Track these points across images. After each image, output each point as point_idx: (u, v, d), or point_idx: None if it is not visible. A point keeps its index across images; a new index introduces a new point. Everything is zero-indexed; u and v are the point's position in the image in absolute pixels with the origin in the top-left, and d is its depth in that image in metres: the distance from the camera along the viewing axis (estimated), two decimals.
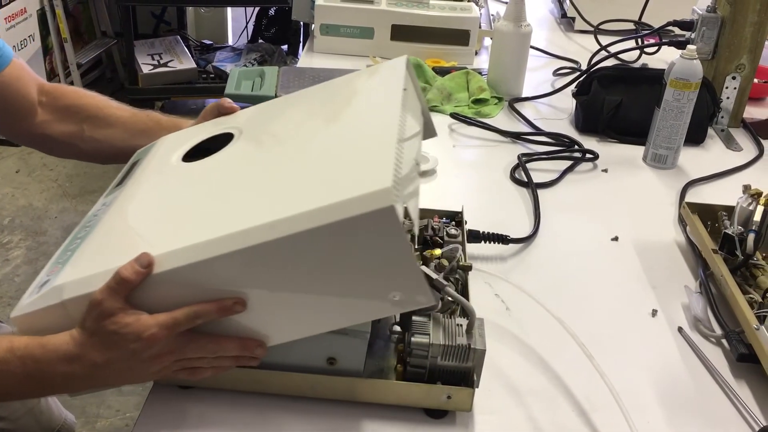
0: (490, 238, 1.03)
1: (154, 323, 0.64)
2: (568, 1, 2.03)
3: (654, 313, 0.95)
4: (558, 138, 1.39)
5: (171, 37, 3.54)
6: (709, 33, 1.45)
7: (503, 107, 1.53)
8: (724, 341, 0.89)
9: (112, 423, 1.87)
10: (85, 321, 0.65)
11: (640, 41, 1.78)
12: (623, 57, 1.74)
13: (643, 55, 1.78)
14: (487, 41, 1.84)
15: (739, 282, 0.94)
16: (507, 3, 1.55)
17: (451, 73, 1.60)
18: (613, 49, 1.67)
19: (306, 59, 1.76)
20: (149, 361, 0.65)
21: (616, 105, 1.41)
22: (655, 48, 1.75)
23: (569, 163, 1.31)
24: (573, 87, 1.51)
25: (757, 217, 0.98)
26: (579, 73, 1.58)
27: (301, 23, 3.38)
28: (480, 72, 1.63)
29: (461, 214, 0.99)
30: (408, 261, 0.61)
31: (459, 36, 1.74)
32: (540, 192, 1.20)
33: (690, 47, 1.25)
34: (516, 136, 1.40)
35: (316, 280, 0.63)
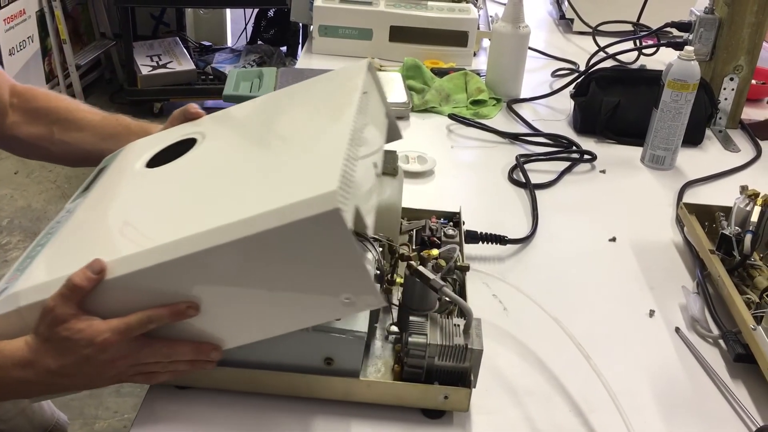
0: (487, 238, 1.03)
1: (106, 328, 0.64)
2: (566, 3, 2.03)
3: (651, 314, 0.95)
4: (556, 139, 1.39)
5: (170, 39, 3.55)
6: (707, 34, 1.45)
7: (501, 108, 1.54)
8: (721, 341, 0.89)
9: (110, 424, 1.87)
10: (39, 327, 0.66)
11: (638, 42, 1.78)
12: (621, 58, 1.75)
13: (642, 57, 1.78)
14: (486, 42, 1.84)
15: (736, 282, 0.94)
16: (505, 4, 1.55)
17: (450, 75, 1.60)
18: (612, 51, 1.68)
19: (305, 60, 1.76)
20: (103, 366, 0.66)
21: (614, 106, 1.41)
22: (654, 49, 1.75)
23: (567, 164, 1.31)
24: (571, 88, 1.51)
25: (755, 218, 0.98)
26: (577, 75, 1.58)
27: (300, 25, 3.38)
28: (478, 73, 1.63)
29: (459, 214, 0.99)
30: (356, 263, 0.62)
31: (457, 37, 1.75)
32: (538, 193, 1.20)
33: (687, 48, 1.25)
34: (514, 137, 1.40)
35: (266, 283, 0.64)
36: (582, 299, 0.98)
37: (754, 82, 1.53)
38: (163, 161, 0.82)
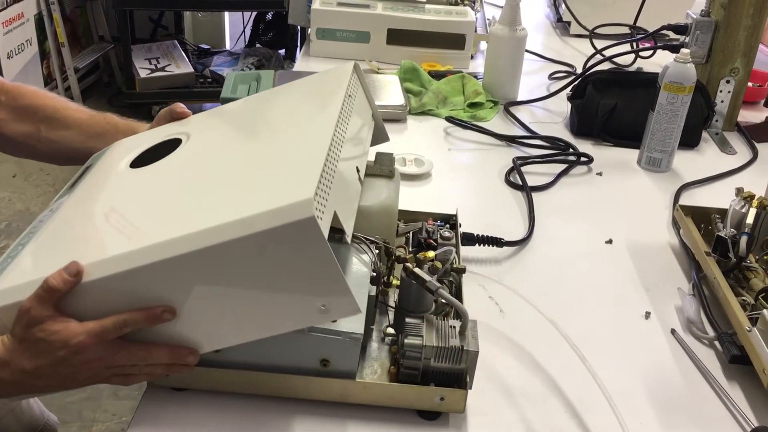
0: (484, 240, 1.03)
1: (82, 331, 0.64)
2: (563, 6, 2.03)
3: (647, 315, 0.95)
4: (553, 141, 1.40)
5: (168, 42, 3.55)
6: (703, 37, 1.45)
7: (498, 111, 1.54)
8: (716, 343, 0.89)
9: (108, 427, 1.87)
10: (15, 328, 0.66)
11: (635, 45, 1.79)
12: (618, 61, 1.76)
13: (638, 59, 1.78)
14: (483, 45, 1.85)
15: (732, 284, 0.94)
16: (502, 7, 1.55)
17: (447, 77, 1.60)
18: (608, 53, 1.68)
19: (302, 63, 1.77)
20: (78, 368, 0.66)
21: (610, 108, 1.42)
22: (650, 52, 1.75)
23: (564, 167, 1.31)
24: (568, 91, 1.51)
25: (750, 220, 0.98)
26: (574, 77, 1.58)
27: (299, 27, 3.39)
28: (475, 76, 1.64)
29: (455, 216, 1.00)
30: (332, 271, 0.62)
31: (455, 40, 1.75)
32: (535, 195, 1.21)
33: (683, 51, 1.25)
34: (511, 139, 1.40)
35: (242, 289, 0.64)
36: (578, 301, 0.98)
37: (750, 84, 1.53)
38: (148, 161, 0.82)
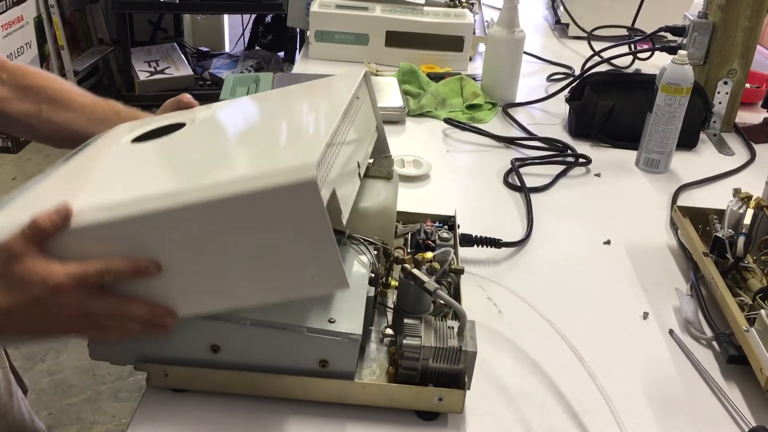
0: (482, 242, 1.03)
1: (62, 272, 0.63)
2: (561, 8, 2.04)
3: (645, 316, 0.95)
4: (551, 143, 1.40)
5: (168, 45, 3.56)
6: (701, 38, 1.46)
7: (497, 112, 1.54)
8: (714, 343, 0.90)
9: (107, 429, 1.87)
10: None
11: (633, 47, 1.79)
12: (616, 62, 1.76)
13: (636, 61, 1.79)
14: (481, 47, 1.85)
15: (730, 285, 0.94)
16: (501, 9, 1.56)
17: (445, 79, 1.61)
18: (606, 55, 1.68)
19: (301, 65, 1.77)
20: (53, 312, 0.65)
21: (608, 110, 1.42)
22: (648, 53, 1.76)
23: (562, 168, 1.32)
24: (566, 92, 1.52)
25: (747, 221, 0.98)
26: (572, 79, 1.59)
27: (298, 30, 3.39)
28: (474, 78, 1.64)
29: (454, 218, 1.00)
30: (326, 238, 0.62)
31: (453, 42, 1.75)
32: (533, 196, 1.21)
33: (681, 52, 1.26)
34: (509, 141, 1.41)
35: (233, 249, 0.63)
36: (576, 302, 0.98)
37: (748, 85, 1.54)
38: (151, 139, 0.82)
